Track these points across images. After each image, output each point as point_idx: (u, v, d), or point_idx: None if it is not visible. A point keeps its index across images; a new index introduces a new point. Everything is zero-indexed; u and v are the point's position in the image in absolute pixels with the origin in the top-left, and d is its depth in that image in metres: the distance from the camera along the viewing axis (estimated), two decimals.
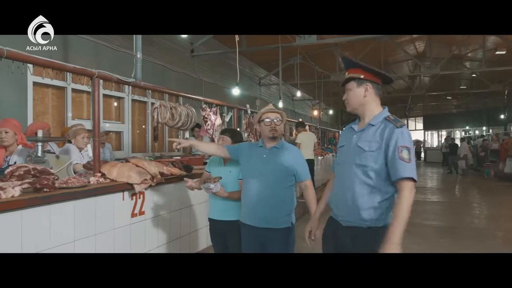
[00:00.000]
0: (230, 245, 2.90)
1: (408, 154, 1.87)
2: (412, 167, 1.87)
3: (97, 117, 3.23)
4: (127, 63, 5.80)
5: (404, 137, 1.90)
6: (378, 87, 2.06)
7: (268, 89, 15.12)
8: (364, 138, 1.99)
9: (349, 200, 1.98)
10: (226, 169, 2.94)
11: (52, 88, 5.64)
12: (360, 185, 1.95)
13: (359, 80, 2.04)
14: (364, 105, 2.06)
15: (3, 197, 2.19)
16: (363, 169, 1.95)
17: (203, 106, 5.15)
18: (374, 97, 2.06)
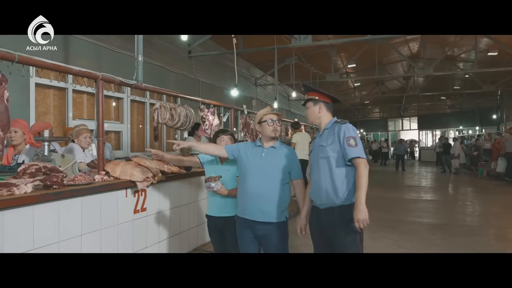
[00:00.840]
0: (228, 240, 3.06)
1: (354, 141, 2.49)
2: (359, 149, 2.48)
3: (101, 118, 3.37)
4: (126, 64, 5.95)
5: (349, 129, 2.54)
6: (329, 105, 2.73)
7: (264, 90, 15.28)
8: (323, 138, 2.64)
9: (322, 187, 2.54)
10: (224, 168, 3.10)
11: (53, 89, 5.77)
12: (326, 172, 2.54)
13: (315, 100, 2.71)
14: (319, 118, 2.71)
15: (17, 193, 2.34)
16: (326, 160, 2.54)
17: (201, 107, 5.29)
18: (325, 112, 2.71)
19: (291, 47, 9.61)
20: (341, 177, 2.50)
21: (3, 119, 2.56)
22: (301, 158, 7.90)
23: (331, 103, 2.75)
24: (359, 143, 2.51)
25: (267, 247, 2.79)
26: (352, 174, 2.50)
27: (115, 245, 3.17)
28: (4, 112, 2.58)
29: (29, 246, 2.40)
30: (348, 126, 2.57)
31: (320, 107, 2.69)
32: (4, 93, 2.59)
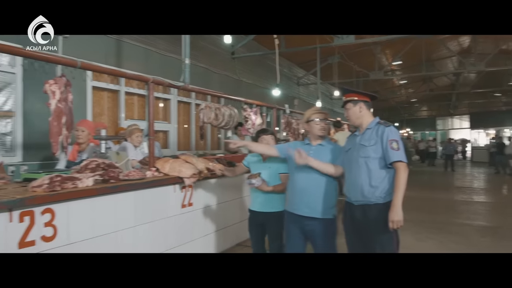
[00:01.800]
0: (268, 234, 3.26)
1: (397, 144, 2.56)
2: (400, 153, 2.55)
3: (151, 118, 3.61)
4: (172, 67, 6.24)
5: (392, 132, 2.60)
6: (368, 104, 2.77)
7: (306, 89, 15.25)
8: (365, 138, 2.68)
9: (358, 184, 2.61)
10: (266, 165, 3.27)
11: (107, 91, 6.17)
12: (365, 171, 2.60)
13: (354, 101, 2.74)
14: (361, 118, 2.74)
15: (80, 186, 2.59)
16: (367, 159, 2.61)
17: (244, 107, 5.45)
18: (366, 112, 2.74)
19: (333, 46, 9.57)
20: (379, 178, 2.57)
21: (68, 119, 2.84)
22: None
23: (370, 101, 2.79)
24: (401, 146, 2.57)
25: (314, 243, 2.91)
26: (389, 175, 2.58)
27: (165, 236, 3.38)
28: (69, 113, 2.86)
29: (90, 234, 2.65)
30: (391, 129, 2.62)
31: (361, 107, 2.73)
32: (68, 96, 2.87)
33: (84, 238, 2.61)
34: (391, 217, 2.47)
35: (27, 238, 2.27)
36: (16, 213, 2.20)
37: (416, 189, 10.87)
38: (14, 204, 2.16)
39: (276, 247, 3.24)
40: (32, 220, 2.28)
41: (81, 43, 5.39)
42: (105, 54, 5.87)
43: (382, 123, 2.67)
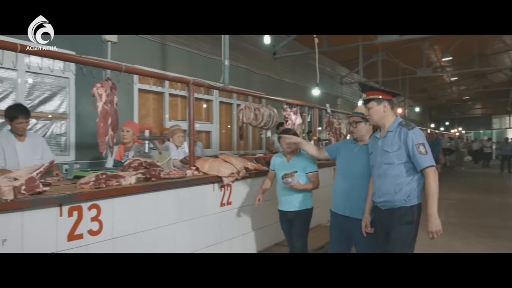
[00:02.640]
0: (295, 230, 3.39)
1: (424, 147, 2.46)
2: (429, 157, 2.46)
3: (192, 118, 3.72)
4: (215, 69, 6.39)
5: (417, 136, 2.49)
6: (392, 102, 2.67)
7: (350, 88, 14.95)
8: (387, 142, 2.58)
9: (384, 190, 2.57)
10: (291, 165, 3.39)
11: (152, 93, 6.43)
12: (391, 178, 2.54)
13: (378, 100, 2.63)
14: (384, 118, 2.63)
15: (123, 184, 2.73)
16: (391, 166, 2.53)
17: (284, 107, 5.45)
18: (390, 111, 2.63)
19: (377, 43, 9.31)
20: (405, 183, 2.51)
21: (114, 120, 3.01)
22: None
23: (392, 98, 2.70)
24: (428, 148, 2.49)
25: (355, 243, 2.94)
26: (416, 178, 2.52)
27: (204, 234, 3.47)
28: (115, 114, 3.03)
29: (133, 229, 2.79)
30: (415, 132, 2.52)
31: (385, 106, 2.63)
32: (114, 98, 3.03)
33: (127, 233, 2.75)
34: (430, 228, 2.41)
35: (75, 231, 2.43)
36: (66, 208, 2.36)
37: (467, 191, 10.33)
38: (64, 200, 2.32)
39: (299, 246, 3.35)
40: (80, 215, 2.44)
41: (128, 48, 5.66)
42: (150, 57, 6.11)
43: (404, 125, 2.56)
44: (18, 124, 3.26)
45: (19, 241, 2.14)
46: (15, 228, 2.13)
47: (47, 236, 2.27)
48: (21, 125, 3.28)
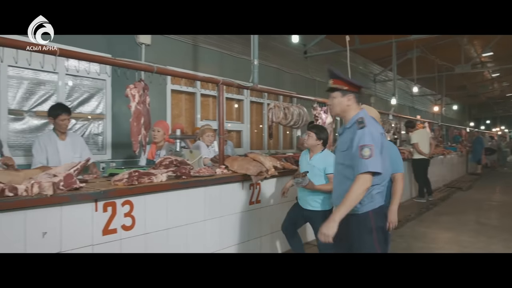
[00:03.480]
0: (314, 232, 3.38)
1: (370, 151, 2.14)
2: (370, 162, 2.13)
3: (221, 118, 3.78)
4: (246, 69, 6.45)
5: (365, 136, 2.17)
6: (358, 95, 2.38)
7: (384, 86, 14.62)
8: (342, 139, 2.38)
9: (337, 192, 2.39)
10: (310, 164, 3.39)
11: (185, 94, 6.58)
12: (342, 179, 2.33)
13: (343, 91, 2.35)
14: (346, 112, 2.37)
15: (155, 181, 2.83)
16: (342, 166, 2.33)
17: (314, 105, 5.43)
18: (355, 105, 2.36)
19: (411, 40, 9.06)
20: None
21: (146, 120, 3.12)
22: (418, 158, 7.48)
23: (359, 92, 2.41)
24: (376, 152, 2.16)
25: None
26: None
27: (233, 231, 3.53)
28: (147, 114, 3.14)
29: (164, 225, 2.88)
30: (364, 132, 2.19)
31: (349, 98, 2.34)
32: (146, 99, 3.14)
33: (159, 229, 2.85)
34: (322, 228, 2.14)
35: (110, 226, 2.54)
36: (101, 203, 2.48)
37: (509, 193, 9.85)
38: (99, 195, 2.44)
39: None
40: (114, 210, 2.56)
41: (161, 50, 5.83)
42: (183, 59, 6.26)
43: (358, 122, 2.25)
44: (61, 121, 3.49)
45: (58, 234, 2.27)
46: (54, 221, 2.26)
47: (83, 230, 2.40)
48: (64, 122, 3.50)
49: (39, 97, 4.74)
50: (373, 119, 2.38)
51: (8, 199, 2.04)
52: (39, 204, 2.15)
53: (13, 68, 4.44)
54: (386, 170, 2.30)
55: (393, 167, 2.76)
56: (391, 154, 2.78)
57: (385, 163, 2.26)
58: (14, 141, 4.52)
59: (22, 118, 4.62)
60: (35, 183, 2.14)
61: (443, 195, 8.71)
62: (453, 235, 5.57)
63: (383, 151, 2.22)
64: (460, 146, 13.56)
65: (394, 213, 2.86)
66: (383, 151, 2.22)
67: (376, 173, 2.16)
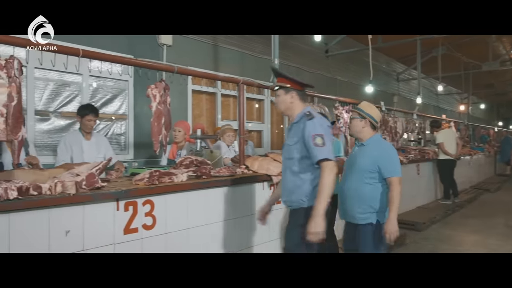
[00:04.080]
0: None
1: (322, 139, 2.22)
2: (325, 149, 2.22)
3: (242, 118, 3.77)
4: (266, 68, 6.43)
5: (315, 126, 2.25)
6: (302, 93, 2.45)
7: (407, 85, 14.32)
8: (290, 135, 2.44)
9: (285, 187, 2.44)
10: None
11: (205, 94, 6.61)
12: (290, 173, 2.39)
13: (286, 88, 2.42)
14: (291, 109, 2.44)
15: (176, 181, 2.84)
16: (290, 161, 2.38)
17: (336, 105, 5.35)
18: (298, 102, 2.42)
19: (436, 37, 8.82)
20: (305, 181, 2.32)
21: (167, 120, 3.13)
22: (444, 159, 7.27)
23: (304, 89, 2.48)
24: (328, 141, 2.25)
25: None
26: (312, 177, 2.31)
27: (254, 232, 3.50)
28: (168, 114, 3.15)
29: (184, 225, 2.89)
30: (314, 122, 2.28)
31: (292, 96, 2.42)
32: (167, 99, 3.16)
33: (179, 229, 2.85)
34: (310, 228, 2.17)
35: (131, 225, 2.56)
36: (122, 202, 2.50)
37: None
38: (120, 195, 2.46)
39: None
40: (135, 210, 2.57)
41: (182, 50, 5.87)
42: (203, 59, 6.28)
43: (307, 115, 2.32)
44: (88, 121, 3.57)
45: (81, 232, 2.30)
46: (77, 220, 2.29)
47: (105, 229, 2.42)
48: (90, 123, 3.58)
49: (64, 98, 4.85)
50: (320, 115, 2.45)
51: (32, 198, 2.08)
52: (62, 203, 2.18)
53: (39, 70, 4.55)
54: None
55: (389, 170, 2.67)
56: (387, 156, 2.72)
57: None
58: (40, 141, 4.64)
59: (48, 118, 4.73)
60: (58, 182, 2.18)
61: (470, 197, 8.45)
62: (480, 238, 5.38)
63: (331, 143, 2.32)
64: (488, 146, 13.15)
65: (392, 223, 2.60)
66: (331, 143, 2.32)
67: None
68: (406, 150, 7.25)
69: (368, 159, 2.72)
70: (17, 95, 2.29)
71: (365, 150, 2.80)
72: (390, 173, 2.66)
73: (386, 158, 2.71)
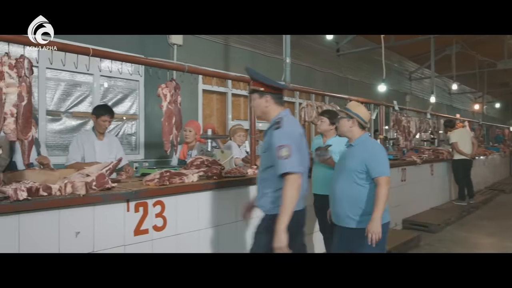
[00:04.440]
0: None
1: (288, 151, 2.10)
2: (289, 162, 2.09)
3: (253, 117, 3.72)
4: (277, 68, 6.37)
5: (281, 136, 2.15)
6: (277, 96, 2.33)
7: (420, 84, 14.11)
8: (264, 141, 2.37)
9: (257, 191, 2.38)
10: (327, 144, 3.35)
11: (216, 94, 6.58)
12: (260, 179, 2.36)
13: (260, 92, 2.31)
14: (266, 114, 2.34)
15: (186, 181, 2.80)
16: (261, 168, 2.35)
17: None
18: (273, 106, 2.31)
19: (451, 36, 8.66)
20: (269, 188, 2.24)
21: (177, 119, 3.09)
22: (461, 158, 7.12)
23: (280, 92, 2.36)
24: (294, 152, 2.11)
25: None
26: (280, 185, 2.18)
27: None
28: (178, 113, 3.11)
29: (195, 226, 2.85)
30: (280, 132, 2.16)
31: (267, 100, 2.31)
32: (177, 98, 3.12)
33: (190, 230, 2.81)
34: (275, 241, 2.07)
35: (141, 226, 2.53)
36: (132, 203, 2.47)
37: None
38: (130, 196, 2.43)
39: None
40: (146, 211, 2.54)
41: (193, 50, 5.84)
42: (214, 59, 6.25)
43: (276, 123, 2.22)
44: (102, 122, 3.53)
45: (91, 234, 2.27)
46: (87, 221, 2.27)
47: (115, 230, 2.40)
48: (105, 123, 3.55)
49: (75, 98, 4.86)
50: (294, 120, 2.35)
51: (42, 199, 2.06)
52: (72, 203, 2.16)
53: (50, 70, 4.57)
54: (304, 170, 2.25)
55: (376, 170, 2.58)
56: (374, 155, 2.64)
57: (304, 163, 2.24)
58: (52, 141, 4.66)
59: (59, 118, 4.74)
60: (68, 182, 2.15)
61: (485, 198, 8.27)
62: (496, 241, 5.25)
63: (301, 151, 2.20)
64: (503, 146, 12.88)
65: (375, 223, 2.49)
66: (301, 151, 2.20)
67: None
68: (420, 150, 7.13)
69: (356, 160, 2.66)
70: (27, 94, 2.27)
71: (353, 150, 2.73)
72: (378, 173, 2.57)
73: (374, 158, 2.63)
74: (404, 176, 5.94)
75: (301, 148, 2.22)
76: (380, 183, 2.54)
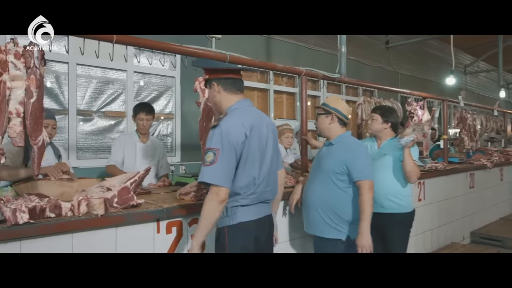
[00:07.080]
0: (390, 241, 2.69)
1: (212, 155, 1.71)
2: (211, 170, 1.70)
3: (304, 116, 3.18)
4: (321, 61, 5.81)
5: (211, 137, 1.76)
6: (228, 81, 1.92)
7: (475, 78, 12.96)
8: None
9: None
10: (381, 153, 2.79)
11: (257, 90, 6.09)
12: None
13: (209, 81, 1.95)
14: (219, 105, 1.96)
15: None
16: None
17: (409, 100, 4.59)
18: (225, 95, 1.93)
19: None
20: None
21: (217, 118, 2.60)
22: None
23: (232, 77, 1.94)
24: (221, 160, 1.71)
25: None
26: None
27: None
28: None
29: None
30: (215, 132, 1.76)
31: (215, 88, 1.93)
32: None
33: None
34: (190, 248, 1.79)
35: (175, 250, 2.05)
36: (164, 223, 2.00)
37: None
38: (161, 214, 1.95)
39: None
40: (180, 232, 2.06)
41: (232, 43, 5.37)
42: (255, 52, 5.75)
43: (217, 120, 1.84)
44: (139, 120, 3.20)
45: None
46: (108, 245, 1.82)
47: None
48: (142, 122, 3.20)
49: (108, 96, 4.50)
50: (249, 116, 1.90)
51: (49, 221, 1.61)
52: (86, 227, 1.70)
53: (81, 66, 4.23)
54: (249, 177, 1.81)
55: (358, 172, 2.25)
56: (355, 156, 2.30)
57: (252, 170, 1.80)
58: (83, 143, 4.32)
59: (91, 119, 4.40)
60: (82, 200, 1.70)
61: None
62: None
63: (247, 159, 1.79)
64: None
65: (364, 235, 2.18)
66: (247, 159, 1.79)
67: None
68: (487, 152, 6.26)
69: (334, 159, 2.33)
70: (37, 90, 1.84)
71: (332, 149, 2.40)
72: (360, 176, 2.24)
73: (356, 158, 2.30)
74: (472, 183, 5.18)
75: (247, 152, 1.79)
76: (363, 188, 2.22)
